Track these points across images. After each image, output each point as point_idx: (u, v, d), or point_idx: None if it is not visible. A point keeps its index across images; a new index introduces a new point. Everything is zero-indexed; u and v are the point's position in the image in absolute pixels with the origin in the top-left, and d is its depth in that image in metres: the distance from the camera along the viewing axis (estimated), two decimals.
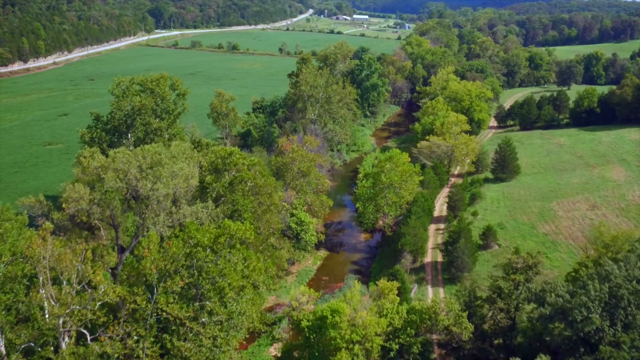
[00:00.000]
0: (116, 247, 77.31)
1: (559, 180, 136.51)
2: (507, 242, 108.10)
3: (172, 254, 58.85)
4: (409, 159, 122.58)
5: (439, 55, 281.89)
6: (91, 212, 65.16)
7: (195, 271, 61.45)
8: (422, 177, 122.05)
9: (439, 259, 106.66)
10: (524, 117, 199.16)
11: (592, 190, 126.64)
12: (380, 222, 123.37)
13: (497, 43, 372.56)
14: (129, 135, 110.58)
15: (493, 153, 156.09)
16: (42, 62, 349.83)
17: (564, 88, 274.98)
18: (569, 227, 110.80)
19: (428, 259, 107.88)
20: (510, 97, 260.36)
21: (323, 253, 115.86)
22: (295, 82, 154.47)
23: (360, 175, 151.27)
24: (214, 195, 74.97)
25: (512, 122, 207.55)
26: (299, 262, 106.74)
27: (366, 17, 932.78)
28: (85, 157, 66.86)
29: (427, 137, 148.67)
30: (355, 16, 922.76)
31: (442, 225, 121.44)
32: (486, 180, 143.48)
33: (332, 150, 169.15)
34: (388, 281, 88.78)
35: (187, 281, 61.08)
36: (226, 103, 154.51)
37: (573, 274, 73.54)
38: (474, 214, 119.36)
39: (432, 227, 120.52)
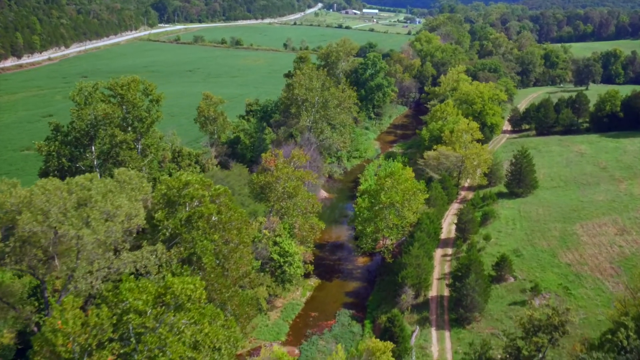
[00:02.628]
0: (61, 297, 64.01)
1: (581, 197, 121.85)
2: (524, 274, 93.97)
3: (94, 324, 45.46)
4: (413, 174, 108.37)
5: (449, 52, 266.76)
6: (3, 263, 52.13)
7: (133, 339, 48.15)
8: (427, 195, 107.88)
9: (446, 292, 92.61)
10: (540, 121, 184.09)
11: (620, 211, 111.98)
12: (381, 243, 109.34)
13: (511, 39, 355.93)
14: (93, 148, 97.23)
15: (507, 163, 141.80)
16: (36, 57, 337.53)
17: (582, 88, 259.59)
18: (595, 256, 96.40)
19: (433, 292, 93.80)
20: (525, 98, 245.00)
21: (314, 282, 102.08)
22: (288, 84, 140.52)
23: (361, 187, 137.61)
24: (167, 234, 61.44)
25: (527, 126, 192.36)
26: (284, 296, 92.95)
27: (376, 11, 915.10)
28: (2, 191, 53.54)
29: (434, 147, 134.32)
30: (365, 10, 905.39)
31: (449, 250, 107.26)
32: (500, 195, 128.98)
33: (331, 156, 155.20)
34: (384, 330, 75.51)
35: (120, 352, 47.85)
36: (214, 106, 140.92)
37: (609, 336, 59.32)
38: (486, 237, 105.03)
39: (438, 252, 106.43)
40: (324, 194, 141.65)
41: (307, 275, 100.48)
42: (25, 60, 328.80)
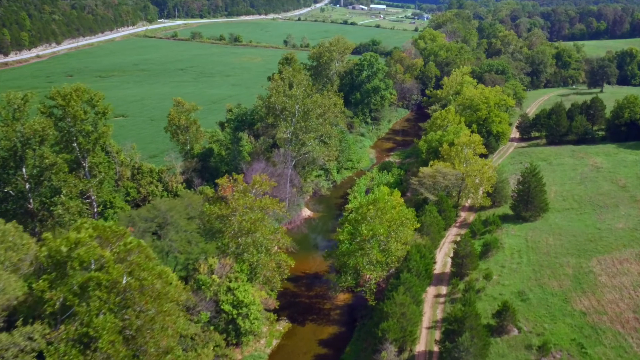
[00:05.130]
0: None
1: (598, 223, 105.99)
2: (530, 324, 78.72)
3: None
4: (402, 200, 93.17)
5: (454, 51, 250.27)
6: None
7: None
8: (418, 225, 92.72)
9: (437, 347, 77.42)
10: (551, 129, 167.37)
11: None
12: (365, 278, 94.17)
13: (520, 37, 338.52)
14: (24, 170, 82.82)
15: (514, 179, 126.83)
16: (25, 55, 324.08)
17: (596, 90, 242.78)
18: (615, 303, 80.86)
19: (421, 346, 78.70)
20: (535, 101, 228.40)
21: (283, 326, 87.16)
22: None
23: (349, 206, 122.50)
24: (57, 307, 46.77)
25: (537, 134, 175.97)
26: (244, 349, 77.97)
27: (384, 6, 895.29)
28: None
29: (431, 162, 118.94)
30: (372, 6, 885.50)
31: (444, 289, 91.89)
32: (505, 218, 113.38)
33: (318, 169, 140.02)
34: None
35: None
36: (186, 114, 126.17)
37: None
38: (487, 276, 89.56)
39: (430, 292, 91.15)
40: (307, 212, 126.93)
41: (277, 315, 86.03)
42: (13, 57, 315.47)
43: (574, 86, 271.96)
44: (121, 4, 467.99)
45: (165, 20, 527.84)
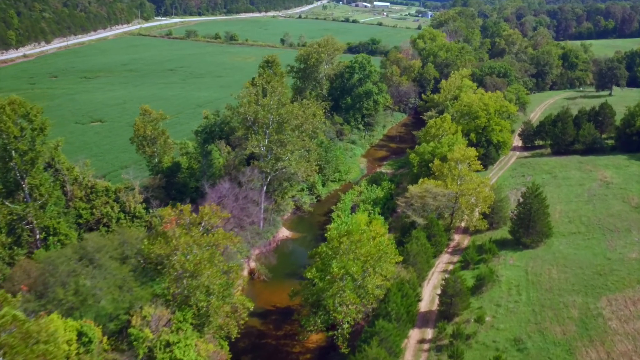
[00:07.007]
0: None
1: (608, 252, 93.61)
2: None
3: None
4: (383, 230, 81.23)
5: (454, 52, 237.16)
6: None
7: None
8: (401, 258, 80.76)
9: None
10: (557, 138, 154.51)
11: None
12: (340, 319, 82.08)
13: (525, 36, 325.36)
14: None
15: (515, 195, 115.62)
16: (11, 54, 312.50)
17: (605, 93, 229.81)
18: (628, 356, 68.69)
19: None
20: (540, 105, 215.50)
21: None
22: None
23: (332, 226, 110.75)
24: None
25: (541, 142, 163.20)
26: None
27: (387, 4, 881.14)
28: None
29: (421, 180, 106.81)
30: (375, 3, 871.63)
31: (429, 333, 79.63)
32: (503, 243, 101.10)
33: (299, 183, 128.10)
34: None
35: None
36: (153, 124, 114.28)
37: None
38: (479, 319, 77.26)
39: (414, 335, 79.03)
40: (285, 233, 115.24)
41: None
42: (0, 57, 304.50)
43: (581, 88, 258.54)
44: (116, 2, 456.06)
45: (162, 18, 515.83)
